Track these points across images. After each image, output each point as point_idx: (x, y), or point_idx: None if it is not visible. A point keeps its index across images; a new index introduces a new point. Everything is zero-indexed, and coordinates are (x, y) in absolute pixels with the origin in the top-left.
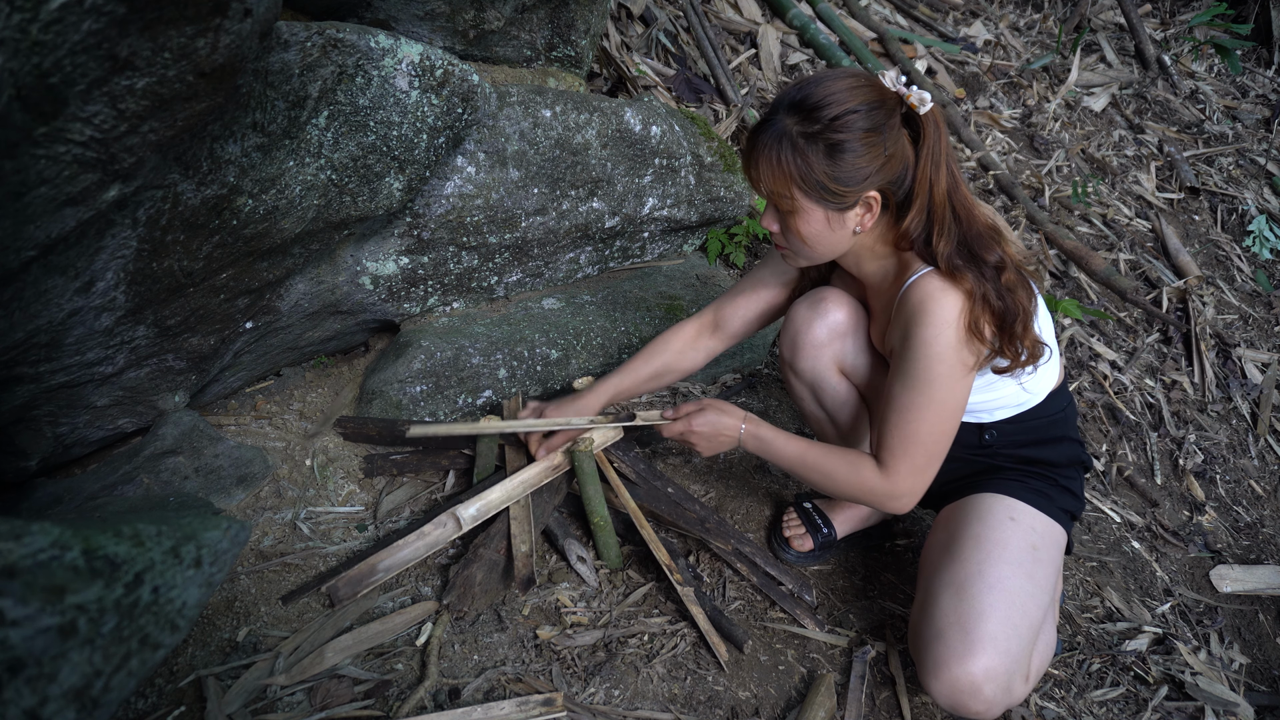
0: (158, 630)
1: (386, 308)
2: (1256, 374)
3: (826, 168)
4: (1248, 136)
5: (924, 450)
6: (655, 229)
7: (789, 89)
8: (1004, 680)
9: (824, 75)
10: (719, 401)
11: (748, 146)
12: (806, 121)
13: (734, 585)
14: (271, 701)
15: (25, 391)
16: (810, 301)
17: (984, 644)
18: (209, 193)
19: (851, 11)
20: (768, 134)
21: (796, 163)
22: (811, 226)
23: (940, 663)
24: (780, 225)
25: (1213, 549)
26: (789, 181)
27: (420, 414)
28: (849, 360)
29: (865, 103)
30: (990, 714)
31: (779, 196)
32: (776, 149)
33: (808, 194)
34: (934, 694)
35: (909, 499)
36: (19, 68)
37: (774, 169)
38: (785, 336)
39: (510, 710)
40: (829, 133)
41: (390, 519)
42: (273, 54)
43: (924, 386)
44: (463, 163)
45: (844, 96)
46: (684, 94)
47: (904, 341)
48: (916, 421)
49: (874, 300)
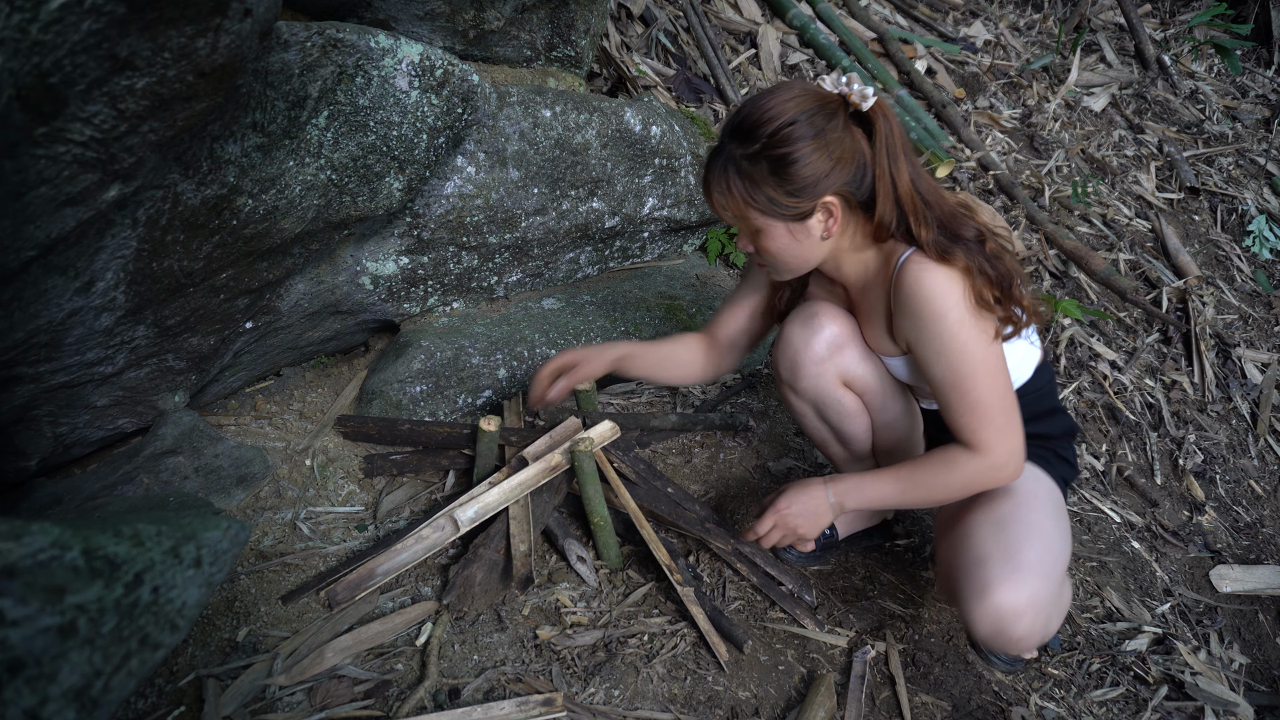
0: (157, 630)
1: (386, 308)
2: (1256, 374)
3: (774, 184)
4: (1248, 136)
5: (997, 410)
6: (655, 229)
7: (730, 115)
8: (1045, 609)
9: (763, 93)
10: (791, 487)
11: (704, 180)
12: (747, 142)
13: (734, 585)
14: (271, 702)
15: (25, 391)
16: (802, 319)
17: (1027, 570)
18: (209, 193)
19: (851, 11)
20: (716, 163)
21: (743, 185)
22: (777, 242)
23: (985, 586)
24: (753, 245)
25: (1213, 549)
26: (742, 204)
27: (420, 414)
28: (851, 371)
29: (802, 112)
30: (1027, 644)
31: (741, 220)
32: (724, 177)
33: (765, 212)
34: (975, 622)
35: (1014, 461)
36: (19, 68)
37: (726, 196)
38: (783, 358)
39: (510, 710)
40: (770, 149)
41: (390, 519)
42: (273, 54)
43: (960, 355)
44: (463, 163)
45: (779, 110)
46: (684, 94)
47: (919, 326)
48: (975, 389)
49: (861, 300)
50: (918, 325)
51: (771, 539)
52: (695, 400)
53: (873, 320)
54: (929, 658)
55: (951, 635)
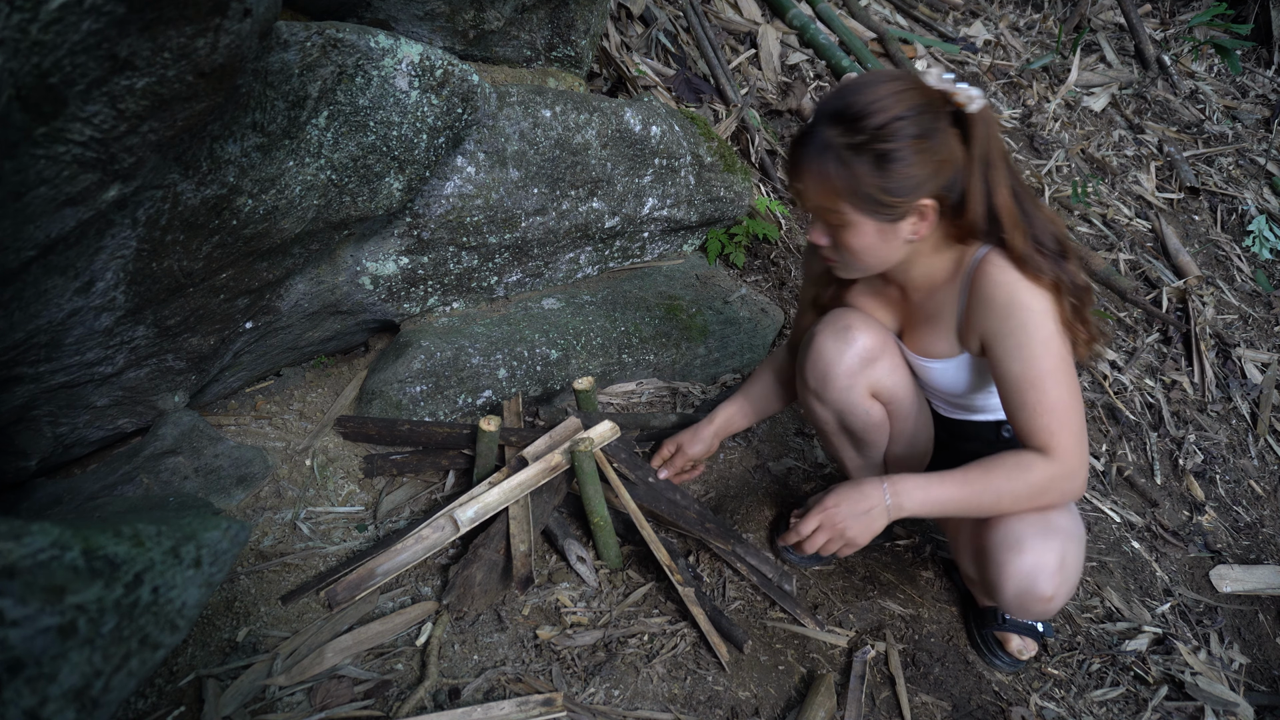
0: (157, 630)
1: (386, 308)
2: (1256, 374)
3: (876, 179)
4: (1248, 136)
5: (1073, 415)
6: (655, 229)
7: (829, 97)
8: (1072, 574)
9: (865, 80)
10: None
11: (790, 161)
12: (851, 132)
13: (734, 585)
14: (271, 702)
15: (25, 391)
16: (834, 330)
17: (1060, 532)
18: (209, 193)
19: (851, 11)
20: (811, 147)
21: (844, 176)
22: (863, 240)
23: (1019, 542)
24: (830, 239)
25: (1213, 549)
26: (837, 196)
27: (420, 414)
28: (882, 383)
29: (912, 107)
30: (1053, 605)
31: (827, 211)
32: (821, 162)
33: (858, 207)
34: (1005, 579)
35: (1083, 473)
36: (19, 68)
37: (820, 184)
38: (813, 369)
39: (510, 710)
40: (876, 142)
41: (390, 519)
42: (272, 54)
43: (1043, 350)
44: (463, 163)
45: (888, 102)
46: (684, 94)
47: (1001, 318)
48: (1054, 389)
49: (924, 301)
50: (1000, 318)
51: (816, 542)
52: (695, 400)
53: (935, 322)
54: (929, 658)
55: (951, 635)
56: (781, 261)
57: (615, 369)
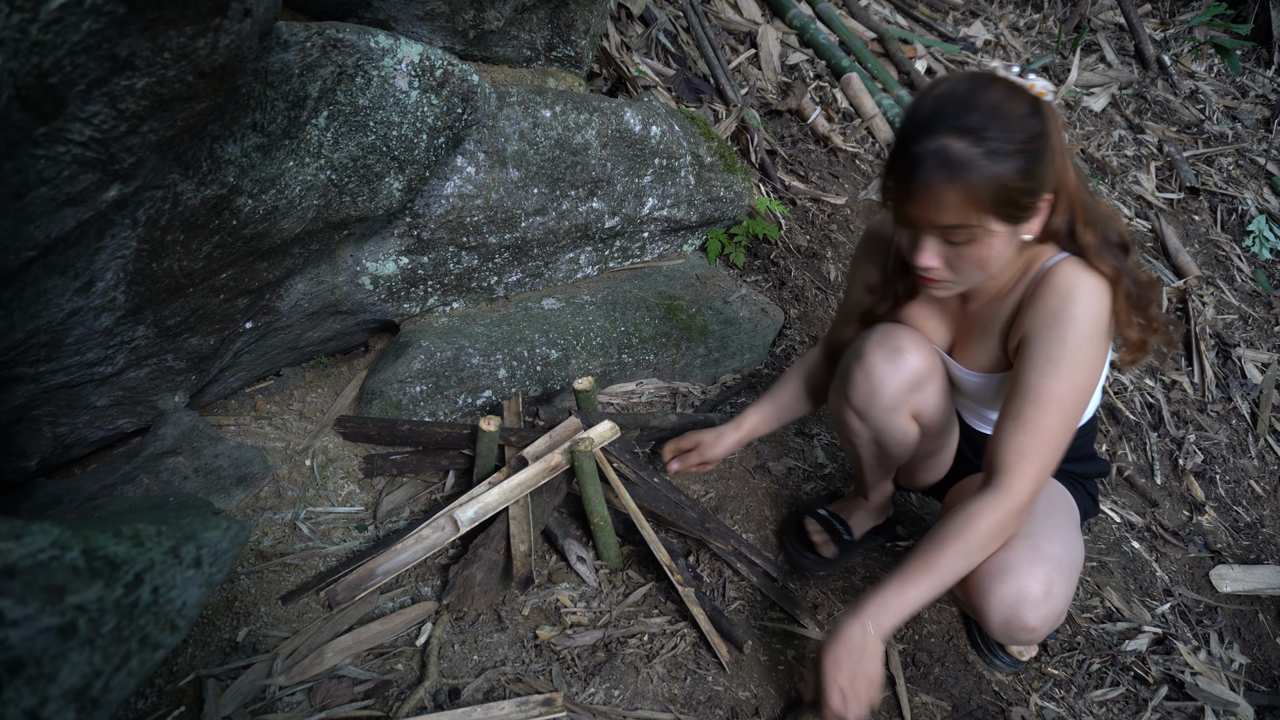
0: (157, 630)
1: (386, 308)
2: (1256, 374)
3: (1022, 183)
4: (1248, 136)
5: (1053, 451)
6: (655, 229)
7: (937, 109)
8: (1058, 602)
9: (968, 86)
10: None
11: (915, 184)
12: (989, 140)
13: (734, 585)
14: (271, 702)
15: (25, 391)
16: (886, 350)
17: (1048, 560)
18: (209, 193)
19: (851, 11)
20: (947, 165)
21: (991, 187)
22: (993, 250)
23: (1005, 569)
24: (948, 258)
25: (1213, 549)
26: (981, 209)
27: (420, 414)
28: (925, 406)
29: (1028, 106)
30: (1038, 634)
31: (958, 229)
32: (963, 177)
33: (1000, 215)
34: (990, 606)
35: (1031, 504)
36: (19, 68)
37: (964, 200)
38: (859, 387)
39: (510, 710)
40: (1020, 146)
41: (390, 519)
42: (272, 54)
43: (1066, 373)
44: (462, 163)
45: (1011, 105)
46: (684, 94)
47: (1047, 324)
48: (1050, 413)
49: (982, 309)
50: (1046, 323)
51: (854, 711)
52: (695, 400)
53: (987, 331)
54: (929, 658)
55: (951, 635)
56: (781, 261)
57: (615, 369)
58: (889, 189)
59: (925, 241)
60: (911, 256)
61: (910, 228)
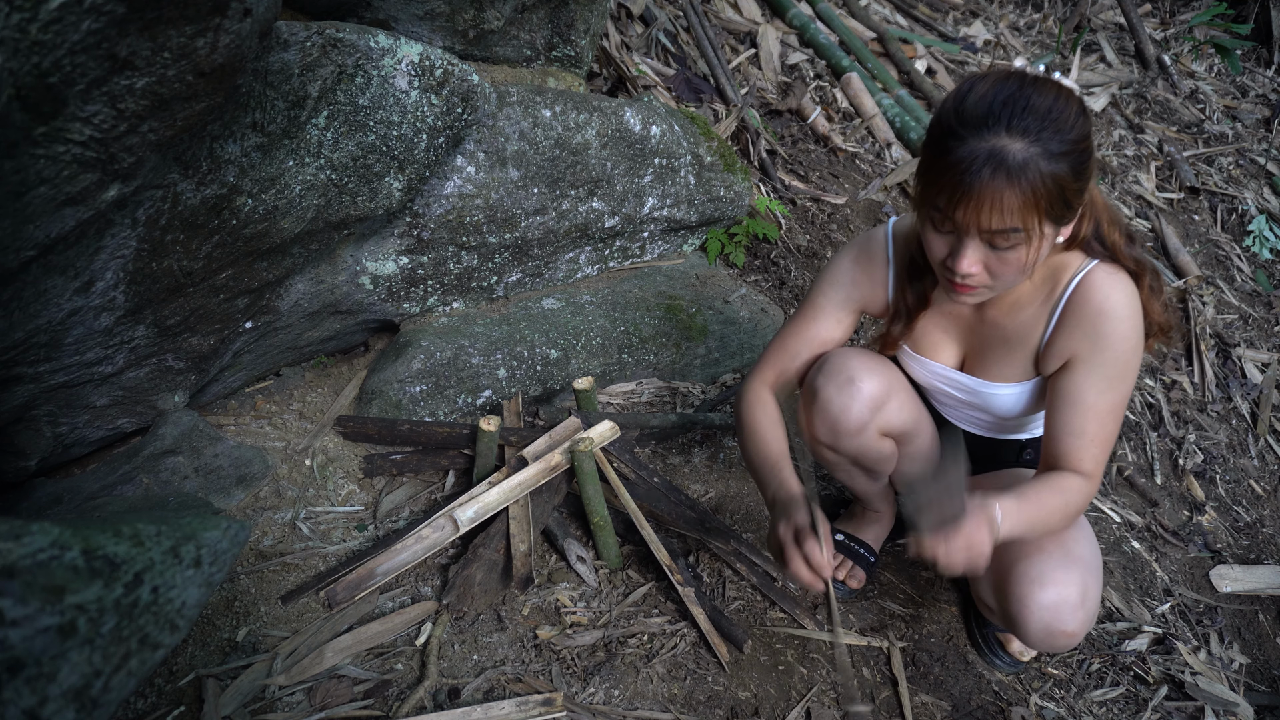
0: (157, 630)
1: (386, 308)
2: (1256, 374)
3: (1077, 184)
4: (1248, 136)
5: (1111, 442)
6: (655, 229)
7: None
8: (1093, 605)
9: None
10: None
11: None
12: (1049, 139)
13: (734, 585)
14: (271, 702)
15: (25, 391)
16: (838, 382)
17: (1080, 564)
18: (209, 193)
19: (851, 11)
20: (1005, 167)
21: (1050, 189)
22: (1036, 252)
23: (1045, 575)
24: (990, 262)
25: (1213, 549)
26: (1037, 212)
27: (420, 414)
28: (892, 421)
29: (1077, 106)
30: (1077, 638)
31: (1009, 233)
32: (1026, 179)
33: (1052, 217)
34: (1028, 615)
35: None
36: (19, 67)
37: (1023, 202)
38: (821, 424)
39: (510, 710)
40: (1069, 148)
41: (390, 519)
42: (272, 54)
43: (1119, 384)
44: (462, 163)
45: (1061, 105)
46: (684, 94)
47: (1095, 343)
48: (1113, 424)
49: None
50: (1095, 343)
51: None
52: (695, 400)
53: (1012, 345)
54: (929, 658)
55: (951, 635)
56: (781, 261)
57: (615, 369)
58: (931, 194)
59: (969, 247)
60: (949, 263)
61: (953, 233)
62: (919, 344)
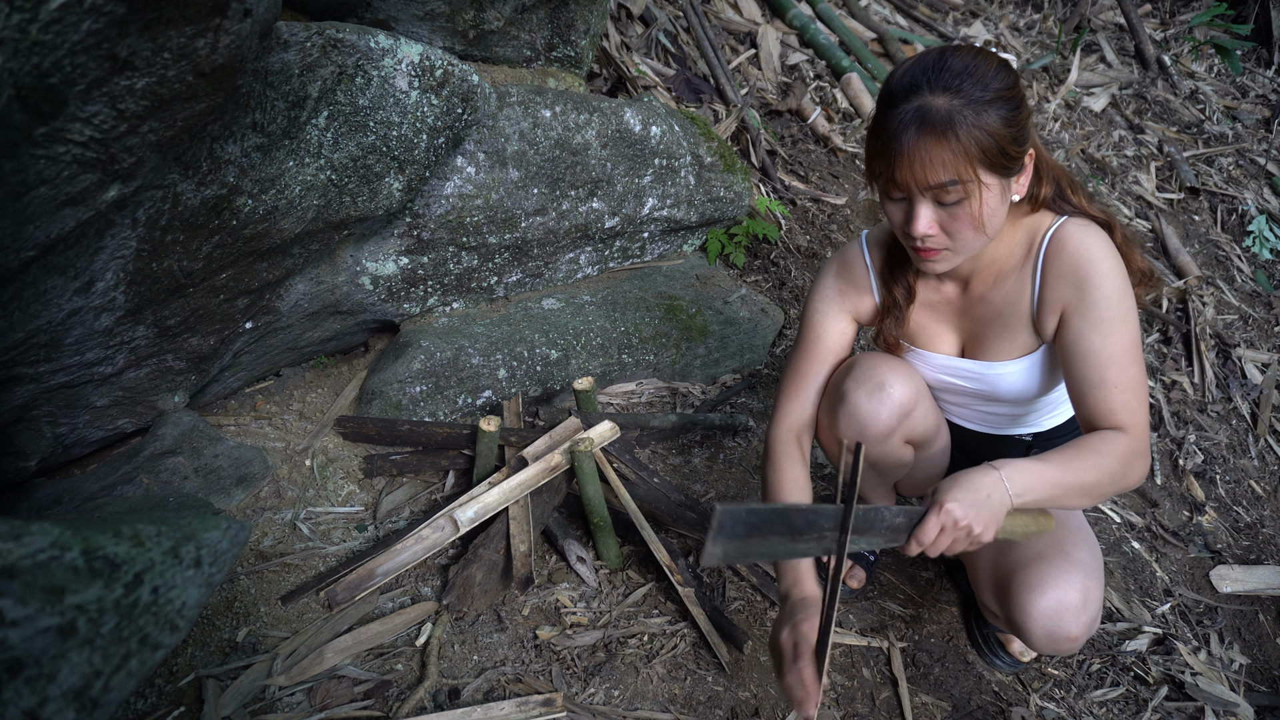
0: (157, 630)
1: (386, 308)
2: (1256, 374)
3: (1008, 130)
4: (1248, 136)
5: (1143, 391)
6: (655, 229)
7: (917, 74)
8: (1095, 607)
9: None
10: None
11: (904, 146)
12: (970, 90)
13: (734, 585)
14: (271, 702)
15: (25, 391)
16: (868, 388)
17: (1081, 566)
18: (209, 193)
19: (851, 12)
20: (931, 121)
21: (978, 136)
22: (990, 204)
23: (1045, 580)
24: (944, 221)
25: (1213, 549)
26: (970, 161)
27: (420, 414)
28: (915, 430)
29: (996, 63)
30: (1080, 641)
31: (950, 187)
32: (952, 129)
33: (989, 166)
34: (1031, 619)
35: (1149, 454)
36: (19, 68)
37: (953, 153)
38: (846, 426)
39: (510, 710)
40: (993, 96)
41: (390, 519)
42: (272, 54)
43: (1123, 324)
44: (462, 163)
45: (978, 62)
46: (684, 94)
47: (1082, 291)
48: (1134, 365)
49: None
50: (1081, 287)
51: (940, 545)
52: (695, 400)
53: (1007, 317)
54: (929, 658)
55: (951, 635)
56: (781, 261)
57: (615, 369)
58: (876, 162)
59: (920, 208)
60: (906, 228)
61: (901, 197)
62: (917, 339)
